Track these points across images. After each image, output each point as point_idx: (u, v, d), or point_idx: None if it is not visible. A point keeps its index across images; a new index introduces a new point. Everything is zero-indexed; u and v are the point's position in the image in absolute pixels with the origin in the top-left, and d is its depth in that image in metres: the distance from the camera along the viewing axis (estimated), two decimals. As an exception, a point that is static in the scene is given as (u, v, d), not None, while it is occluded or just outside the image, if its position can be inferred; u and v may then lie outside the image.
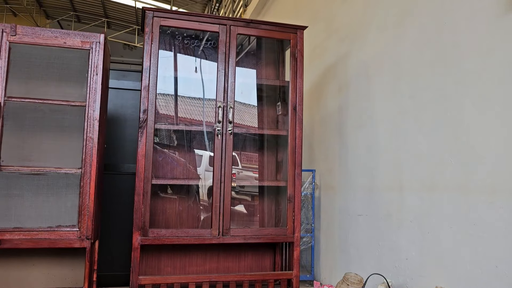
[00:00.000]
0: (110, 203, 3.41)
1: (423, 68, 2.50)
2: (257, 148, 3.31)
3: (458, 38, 2.24)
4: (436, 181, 2.33)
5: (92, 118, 2.28)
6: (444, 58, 2.33)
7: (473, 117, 2.11)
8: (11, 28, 2.20)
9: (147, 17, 2.77)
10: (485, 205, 1.99)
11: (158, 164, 3.04)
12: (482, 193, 2.01)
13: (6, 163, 2.19)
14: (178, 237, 2.72)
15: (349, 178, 3.27)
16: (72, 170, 2.26)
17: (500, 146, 1.94)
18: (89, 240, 2.23)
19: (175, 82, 3.14)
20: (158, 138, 3.09)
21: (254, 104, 3.31)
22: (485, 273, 1.98)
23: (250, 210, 3.29)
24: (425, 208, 2.40)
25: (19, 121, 2.27)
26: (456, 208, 2.17)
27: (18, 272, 2.43)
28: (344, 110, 3.41)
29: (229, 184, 2.82)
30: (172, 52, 3.14)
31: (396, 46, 2.76)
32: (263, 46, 3.38)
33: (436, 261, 2.30)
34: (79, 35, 2.31)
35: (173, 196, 3.11)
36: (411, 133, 2.57)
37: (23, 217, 2.18)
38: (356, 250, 3.12)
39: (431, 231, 2.35)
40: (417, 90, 2.53)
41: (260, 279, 2.84)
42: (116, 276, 3.33)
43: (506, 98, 1.91)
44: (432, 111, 2.40)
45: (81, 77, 2.33)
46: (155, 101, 2.74)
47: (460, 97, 2.19)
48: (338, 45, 3.62)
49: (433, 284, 2.26)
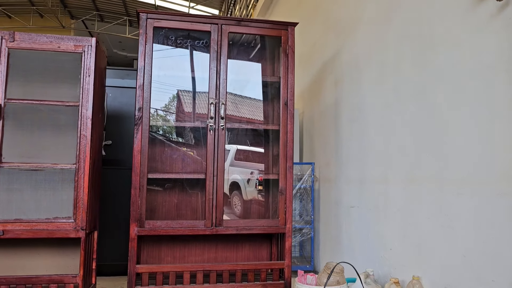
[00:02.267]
0: (115, 197, 3.59)
1: (404, 61, 2.54)
2: (253, 143, 3.40)
3: (433, 31, 2.27)
4: (416, 174, 2.38)
5: (85, 117, 2.43)
6: (422, 51, 2.37)
7: (446, 111, 2.14)
8: (9, 35, 2.38)
9: (141, 19, 2.89)
10: (455, 196, 2.04)
11: (156, 158, 3.18)
12: (453, 185, 2.06)
13: (7, 160, 2.38)
14: (173, 228, 2.86)
15: (343, 170, 3.33)
16: (67, 165, 2.43)
17: (470, 139, 1.97)
18: (84, 231, 2.40)
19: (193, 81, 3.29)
20: (159, 133, 3.23)
21: (252, 98, 3.40)
22: (455, 262, 2.03)
23: (246, 202, 3.40)
24: (407, 200, 2.45)
25: (19, 121, 2.46)
26: (432, 200, 2.22)
27: (23, 261, 2.63)
28: (339, 103, 3.47)
29: (221, 177, 2.93)
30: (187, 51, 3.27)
31: (382, 39, 2.80)
32: (266, 43, 3.46)
33: (415, 251, 2.35)
34: (72, 39, 2.46)
35: (183, 190, 3.25)
36: (395, 126, 2.61)
37: (23, 209, 2.37)
38: (349, 241, 3.19)
39: (412, 222, 2.40)
40: (400, 84, 2.57)
41: (253, 269, 2.95)
42: (116, 266, 3.52)
43: (478, 92, 1.94)
44: (412, 104, 2.44)
45: (75, 78, 2.50)
46: (150, 99, 2.87)
47: (436, 91, 2.23)
48: (334, 40, 3.66)
49: (412, 273, 2.32)
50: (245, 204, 3.41)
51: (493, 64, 1.84)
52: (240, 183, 3.45)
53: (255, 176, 3.41)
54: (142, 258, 3.10)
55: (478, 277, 1.88)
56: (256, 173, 3.40)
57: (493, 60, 1.84)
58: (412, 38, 2.46)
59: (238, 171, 3.41)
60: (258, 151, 3.40)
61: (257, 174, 3.40)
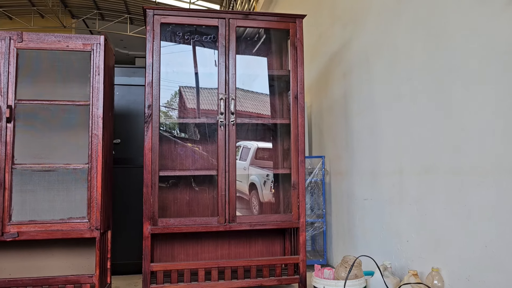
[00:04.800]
0: (124, 196, 3.58)
1: (417, 50, 2.50)
2: (263, 137, 3.38)
3: (447, 19, 2.23)
4: (432, 164, 2.35)
5: (96, 116, 2.41)
6: (436, 40, 2.33)
7: (464, 99, 2.11)
8: (17, 35, 2.36)
9: (148, 16, 2.86)
10: (475, 186, 2.01)
11: (168, 156, 3.16)
12: (472, 174, 2.03)
13: (19, 161, 2.37)
14: (186, 225, 2.85)
15: (355, 163, 3.30)
16: (80, 165, 2.41)
17: (489, 128, 1.94)
18: (98, 231, 2.38)
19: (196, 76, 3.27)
20: (169, 131, 3.21)
21: (261, 92, 3.37)
22: (475, 253, 2.00)
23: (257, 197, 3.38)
24: (423, 191, 2.42)
25: (30, 121, 2.44)
26: (450, 191, 2.19)
27: (38, 262, 2.62)
28: (349, 95, 3.43)
29: (233, 173, 2.91)
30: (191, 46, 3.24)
31: (393, 29, 2.76)
32: (271, 36, 3.43)
33: (433, 242, 2.33)
34: (80, 38, 2.44)
35: (195, 187, 3.24)
36: (409, 117, 2.58)
37: (37, 210, 2.36)
38: (363, 233, 3.17)
39: (428, 213, 2.37)
40: (413, 73, 2.54)
41: (267, 264, 2.93)
42: (131, 264, 3.51)
43: (495, 80, 1.91)
44: (427, 94, 2.40)
45: (85, 77, 2.47)
46: (159, 96, 2.85)
47: (452, 80, 2.19)
48: (342, 31, 3.62)
49: (431, 265, 2.30)
50: (260, 203, 3.40)
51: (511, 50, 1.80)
52: (257, 184, 3.43)
53: (270, 179, 3.39)
54: (155, 256, 3.09)
55: (500, 268, 1.85)
56: (271, 175, 3.38)
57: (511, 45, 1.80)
58: (425, 27, 2.42)
59: (256, 171, 3.38)
60: (272, 148, 3.37)
61: (272, 177, 3.38)
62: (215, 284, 2.85)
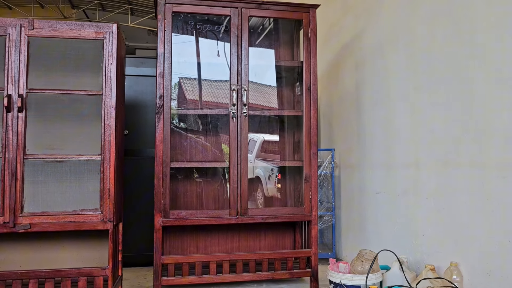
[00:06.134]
0: (134, 187, 3.54)
1: (436, 40, 2.45)
2: (274, 129, 3.34)
3: (470, 11, 2.18)
4: (451, 157, 2.31)
5: (109, 106, 2.36)
6: (457, 29, 2.28)
7: (485, 92, 2.06)
8: (28, 23, 2.30)
9: (159, 4, 2.80)
10: (498, 180, 1.97)
11: (179, 147, 3.12)
12: (495, 168, 1.99)
13: (31, 152, 2.32)
14: (198, 218, 2.81)
15: (367, 156, 3.27)
16: (93, 156, 2.37)
17: (513, 120, 1.90)
18: (111, 223, 2.34)
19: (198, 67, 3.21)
20: (180, 122, 3.17)
21: (271, 85, 3.32)
22: (497, 248, 1.97)
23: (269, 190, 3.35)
24: (441, 184, 2.39)
25: (41, 111, 2.39)
26: (471, 184, 2.15)
27: (49, 253, 2.58)
28: (361, 87, 3.38)
29: (245, 166, 2.87)
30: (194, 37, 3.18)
31: (411, 19, 2.70)
32: (282, 26, 3.38)
33: (451, 236, 2.29)
34: (92, 26, 2.38)
35: (200, 179, 3.20)
36: (426, 109, 2.53)
37: (49, 202, 2.32)
38: (375, 227, 3.14)
39: (446, 207, 2.34)
40: (431, 65, 2.49)
41: (279, 257, 2.91)
42: (142, 257, 3.48)
43: (519, 70, 1.86)
44: (445, 86, 2.36)
45: (97, 66, 2.42)
46: (171, 86, 2.80)
47: (474, 70, 2.15)
48: (354, 22, 3.56)
49: (449, 259, 2.27)
50: (265, 197, 3.36)
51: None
52: (261, 178, 3.39)
53: (275, 173, 3.34)
54: (165, 249, 3.06)
55: (524, 263, 1.83)
56: (276, 170, 3.34)
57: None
58: (446, 16, 2.36)
59: (262, 164, 3.33)
60: (281, 141, 3.32)
61: (277, 172, 3.33)
62: (227, 277, 2.83)
